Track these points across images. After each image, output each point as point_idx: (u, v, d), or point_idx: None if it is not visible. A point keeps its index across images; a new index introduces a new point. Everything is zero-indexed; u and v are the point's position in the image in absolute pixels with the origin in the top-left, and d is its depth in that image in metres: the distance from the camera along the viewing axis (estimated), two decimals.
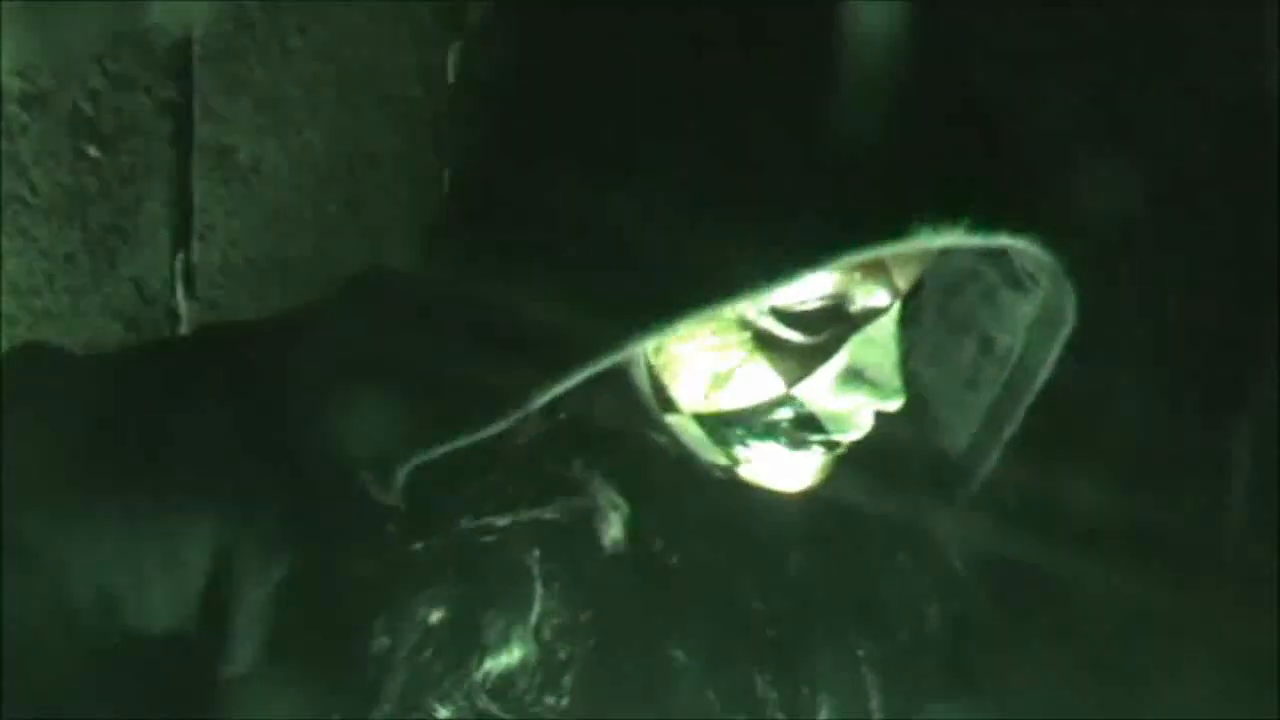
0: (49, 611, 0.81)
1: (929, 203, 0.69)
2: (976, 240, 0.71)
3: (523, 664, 0.77)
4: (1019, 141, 0.75)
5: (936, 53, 0.73)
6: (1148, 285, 1.18)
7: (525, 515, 0.80)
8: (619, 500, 0.81)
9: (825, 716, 0.83)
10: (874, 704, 0.84)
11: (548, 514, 0.80)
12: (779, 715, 0.81)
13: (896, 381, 0.78)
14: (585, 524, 0.80)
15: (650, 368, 0.79)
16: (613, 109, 0.73)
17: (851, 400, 0.78)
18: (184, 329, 1.98)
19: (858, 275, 0.75)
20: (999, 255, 0.81)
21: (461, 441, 0.75)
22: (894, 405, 0.79)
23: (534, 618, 0.77)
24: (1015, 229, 0.72)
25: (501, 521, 0.80)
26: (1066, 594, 1.00)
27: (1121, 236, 1.18)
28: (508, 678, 0.78)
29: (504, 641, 0.77)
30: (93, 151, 2.04)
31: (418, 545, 0.80)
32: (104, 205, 2.01)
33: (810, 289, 0.75)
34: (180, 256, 1.94)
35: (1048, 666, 0.94)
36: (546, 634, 0.77)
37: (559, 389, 0.72)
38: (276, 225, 1.88)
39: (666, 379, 0.79)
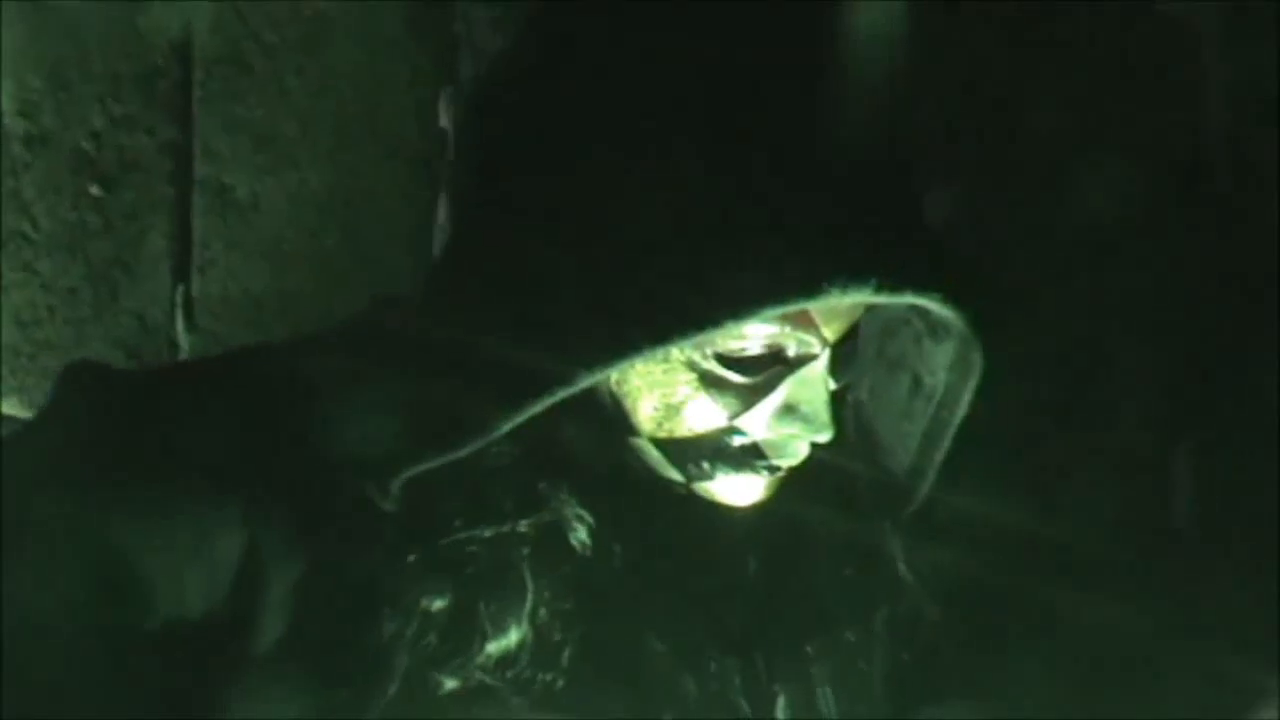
0: (93, 596, 0.89)
1: (839, 266, 0.81)
2: (883, 299, 0.81)
3: (520, 645, 0.87)
4: (922, 210, 0.84)
5: (851, 133, 0.82)
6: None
7: (505, 527, 0.89)
8: (583, 512, 0.91)
9: (781, 704, 0.91)
10: (821, 696, 0.93)
11: (522, 526, 0.89)
12: (742, 701, 0.90)
13: (826, 417, 0.91)
14: (556, 532, 0.89)
15: (614, 398, 0.88)
16: (572, 194, 0.84)
17: (787, 432, 0.91)
18: (184, 358, 2.05)
19: (788, 327, 0.88)
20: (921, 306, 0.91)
21: (440, 459, 0.85)
22: (824, 437, 0.90)
23: (528, 605, 0.87)
24: (919, 289, 0.82)
25: (487, 533, 0.88)
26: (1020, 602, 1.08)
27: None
28: (507, 657, 0.87)
29: (501, 626, 0.87)
30: (95, 189, 2.07)
31: (415, 551, 0.89)
32: (106, 240, 2.05)
33: (749, 338, 0.87)
34: (181, 289, 1.99)
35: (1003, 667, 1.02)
36: (541, 618, 0.87)
37: (521, 417, 0.82)
38: (275, 259, 1.93)
39: (628, 408, 0.90)
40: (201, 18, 1.96)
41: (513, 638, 0.89)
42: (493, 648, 0.89)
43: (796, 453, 0.93)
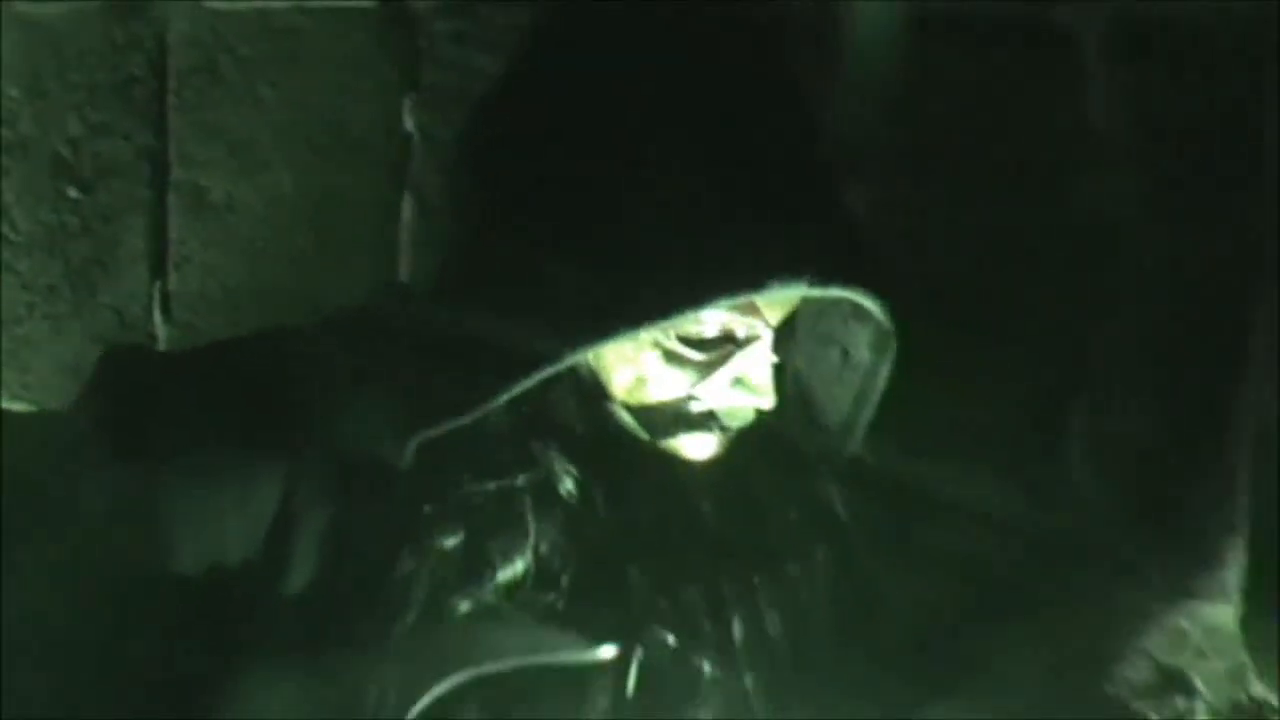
0: (149, 543, 1.04)
1: (778, 266, 0.99)
2: (815, 292, 0.99)
3: (526, 573, 1.04)
4: (850, 215, 1.02)
5: (786, 153, 1.00)
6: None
7: (506, 481, 1.05)
8: (570, 467, 1.08)
9: (736, 627, 1.09)
10: (769, 620, 1.10)
11: (519, 480, 1.05)
12: (706, 622, 1.07)
13: (769, 387, 1.09)
14: (548, 484, 1.05)
15: (593, 372, 1.05)
16: (557, 206, 1.03)
17: (737, 399, 1.08)
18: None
19: (737, 314, 1.06)
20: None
21: (449, 426, 1.01)
22: (768, 404, 1.09)
23: (531, 540, 1.03)
24: (845, 282, 1.02)
25: (491, 486, 1.05)
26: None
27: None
28: (514, 584, 1.04)
29: (509, 559, 1.05)
30: (73, 193, 2.17)
31: (428, 502, 1.05)
32: (84, 241, 2.15)
33: (705, 323, 1.05)
34: (158, 285, 2.09)
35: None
36: (542, 551, 1.04)
37: (518, 389, 1.00)
38: (249, 257, 2.04)
39: (605, 380, 1.08)
40: (177, 31, 2.07)
41: (519, 568, 1.06)
42: (501, 577, 1.06)
43: (745, 416, 1.10)
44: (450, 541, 1.05)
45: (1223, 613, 1.41)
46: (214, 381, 1.11)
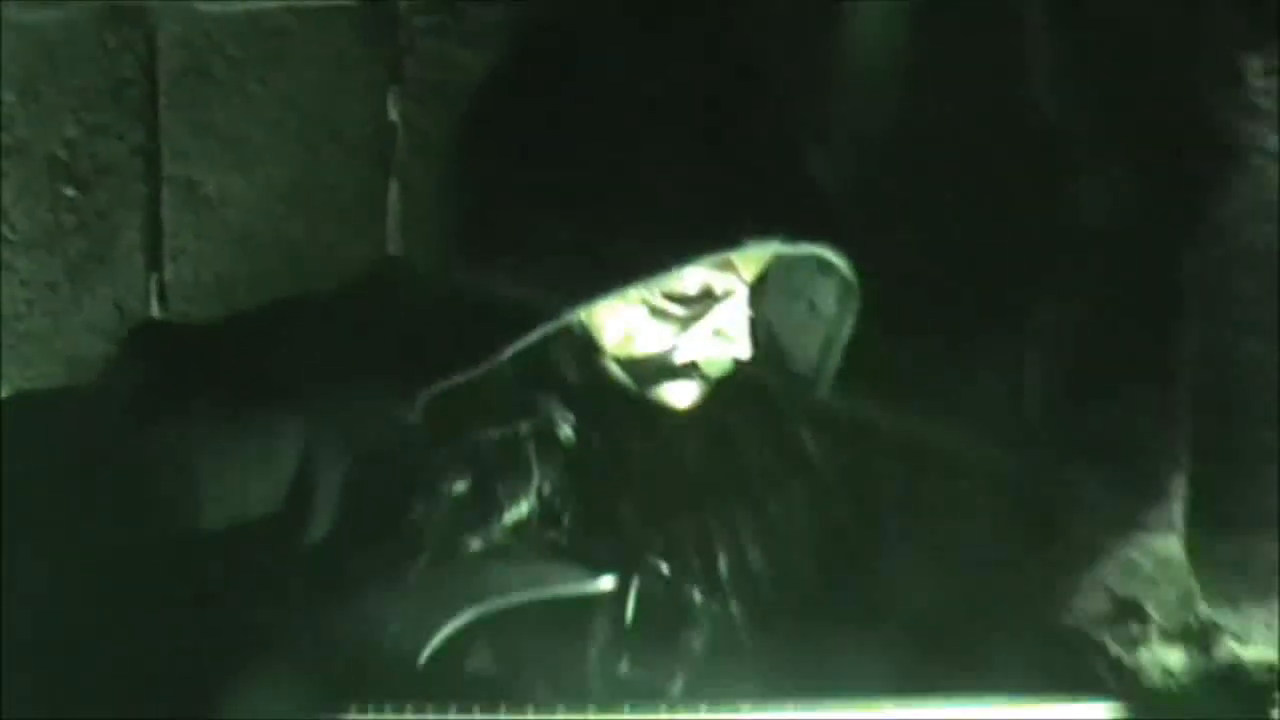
0: (183, 500, 1.14)
1: (752, 224, 1.10)
2: (787, 249, 1.10)
3: (531, 513, 1.14)
4: (814, 181, 1.12)
5: (759, 126, 1.11)
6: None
7: (509, 429, 1.15)
8: (567, 414, 1.18)
9: (721, 560, 1.19)
10: (751, 553, 1.21)
11: (522, 428, 1.15)
12: (694, 557, 1.18)
13: (745, 339, 1.19)
14: (548, 430, 1.16)
15: (586, 329, 1.14)
16: (557, 180, 1.14)
17: (716, 349, 1.18)
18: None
19: (716, 271, 1.15)
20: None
21: (457, 380, 1.11)
22: (744, 354, 1.18)
23: (534, 483, 1.14)
24: (813, 239, 1.12)
25: (495, 434, 1.15)
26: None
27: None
28: (520, 523, 1.14)
29: (515, 500, 1.14)
30: (70, 192, 2.24)
31: (439, 450, 1.15)
32: (82, 237, 2.22)
33: (687, 280, 1.15)
34: (155, 276, 2.17)
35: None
36: (545, 492, 1.14)
37: (521, 345, 1.08)
38: (242, 246, 2.12)
39: (597, 335, 1.15)
40: (168, 33, 2.15)
41: (524, 508, 1.17)
42: (509, 518, 1.17)
43: (723, 365, 1.20)
44: (460, 486, 1.16)
45: (1171, 544, 1.49)
46: (235, 349, 1.21)
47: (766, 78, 1.21)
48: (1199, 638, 1.48)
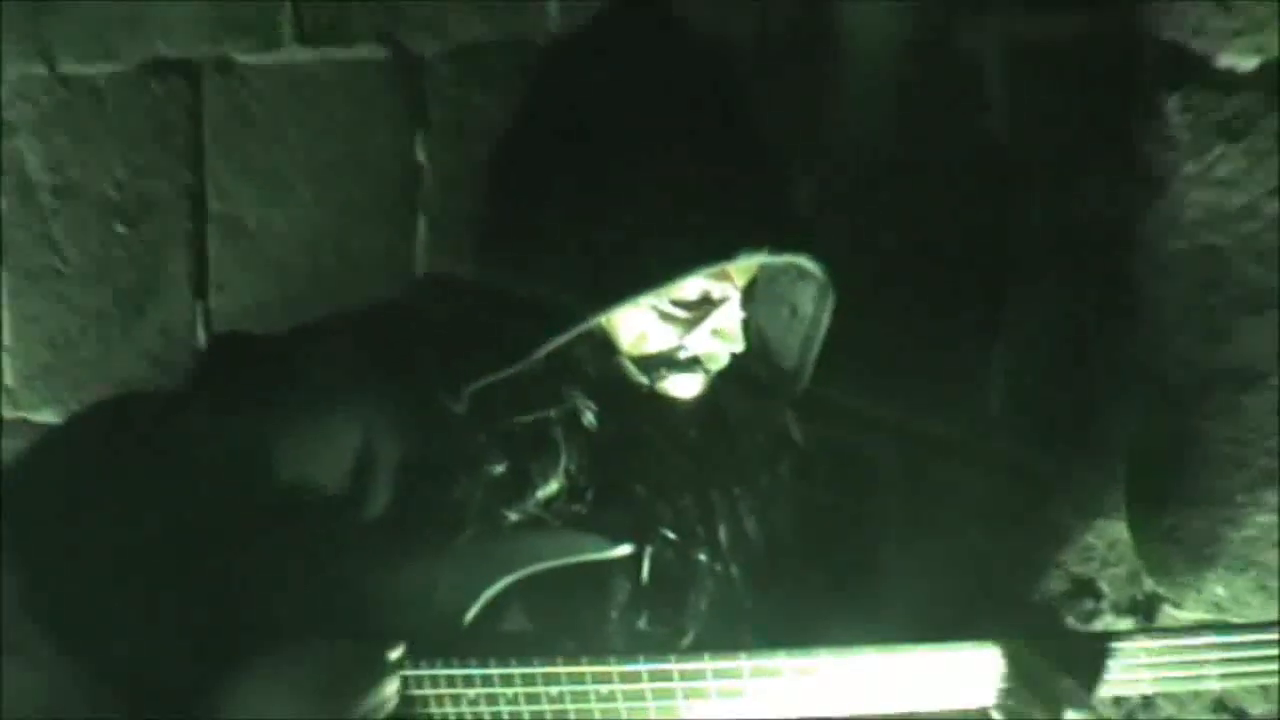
0: (260, 483, 1.33)
1: (744, 238, 1.28)
2: (773, 259, 1.31)
3: (560, 490, 1.33)
4: (795, 201, 1.32)
5: (747, 151, 1.34)
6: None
7: (541, 415, 1.34)
8: (590, 403, 1.35)
9: (722, 531, 1.38)
10: (748, 525, 1.39)
11: (552, 414, 1.34)
12: (699, 527, 1.37)
13: (739, 336, 1.36)
14: (574, 417, 1.34)
15: (605, 331, 1.34)
16: (576, 202, 1.30)
17: (715, 346, 1.35)
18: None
19: (714, 280, 1.33)
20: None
21: (497, 376, 1.29)
22: (739, 349, 1.36)
23: (563, 463, 1.32)
24: (795, 250, 1.31)
25: (528, 420, 1.34)
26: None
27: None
28: (551, 499, 1.33)
29: (546, 479, 1.32)
30: (120, 228, 2.45)
31: (479, 437, 1.34)
32: (131, 270, 2.43)
33: (690, 288, 1.33)
34: (200, 305, 2.36)
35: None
36: (572, 470, 1.32)
37: (552, 345, 1.28)
38: (280, 276, 2.28)
39: (613, 336, 1.35)
40: (211, 83, 2.32)
41: (554, 486, 1.34)
42: (540, 494, 1.33)
43: (721, 360, 1.37)
44: (499, 467, 1.33)
45: (1120, 527, 1.65)
46: (302, 354, 1.40)
47: (753, 119, 1.40)
48: (1144, 608, 1.65)
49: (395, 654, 1.31)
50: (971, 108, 1.65)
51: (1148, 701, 1.63)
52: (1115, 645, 1.23)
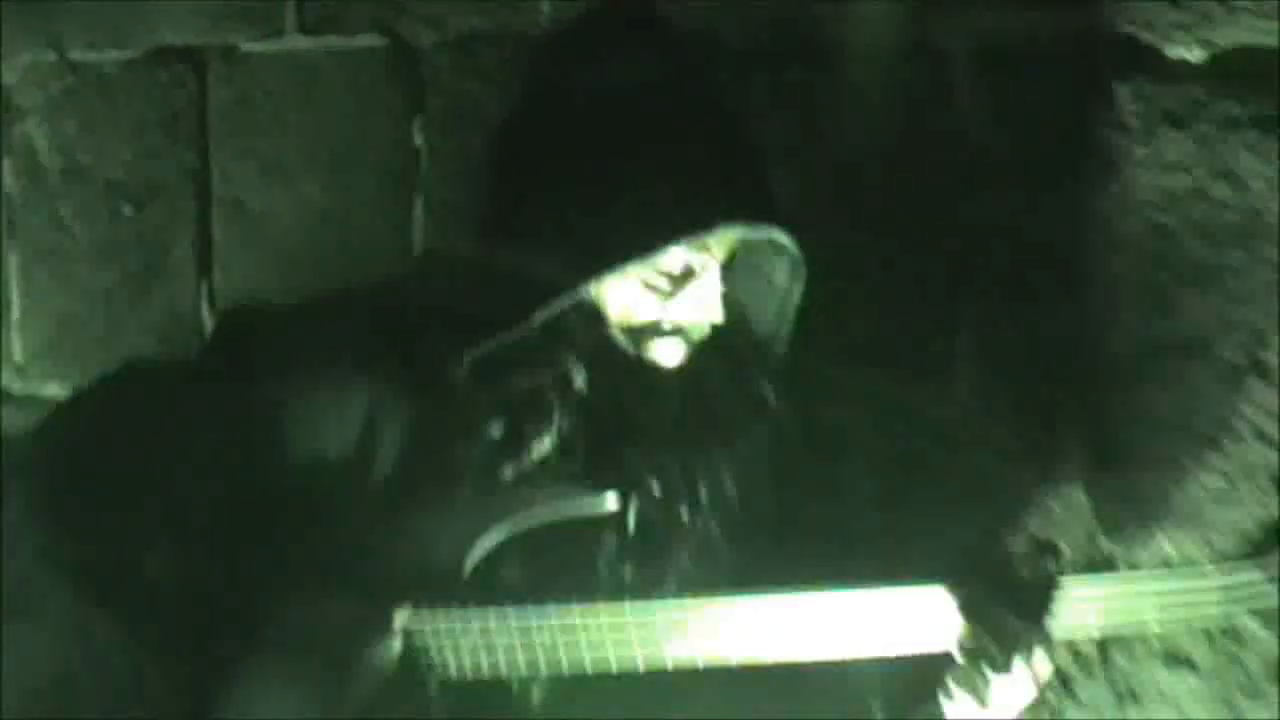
0: (273, 446, 1.42)
1: (723, 212, 1.38)
2: (751, 233, 1.41)
3: (554, 449, 1.42)
4: (769, 181, 1.42)
5: (723, 141, 1.44)
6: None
7: (536, 380, 1.43)
8: (580, 368, 1.44)
9: (702, 489, 1.48)
10: (727, 484, 1.49)
11: (546, 378, 1.43)
12: (681, 484, 1.47)
13: (718, 306, 1.44)
14: (567, 381, 1.43)
15: (593, 302, 1.43)
16: (572, 186, 1.40)
17: (695, 316, 1.44)
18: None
19: (695, 253, 1.41)
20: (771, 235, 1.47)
21: (498, 342, 1.39)
22: (718, 319, 1.45)
23: (556, 424, 1.42)
24: (770, 224, 1.41)
25: (525, 384, 1.43)
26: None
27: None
28: (545, 457, 1.42)
29: (540, 438, 1.42)
30: (127, 210, 2.51)
31: (479, 401, 1.43)
32: (137, 251, 2.50)
33: (673, 259, 1.41)
34: (205, 284, 2.43)
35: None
36: (564, 431, 1.42)
37: (547, 314, 1.37)
38: (281, 257, 2.35)
39: (602, 307, 1.44)
40: (216, 71, 2.40)
41: (548, 444, 1.43)
42: (535, 453, 1.42)
43: (702, 330, 1.45)
44: (496, 428, 1.43)
45: (1078, 492, 1.74)
46: (312, 325, 1.50)
47: (733, 105, 1.50)
48: (1101, 567, 1.73)
49: (401, 615, 1.40)
50: (940, 101, 1.75)
51: (1104, 655, 1.72)
52: (1064, 589, 1.33)
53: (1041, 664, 1.34)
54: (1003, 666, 1.33)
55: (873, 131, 1.79)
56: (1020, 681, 1.34)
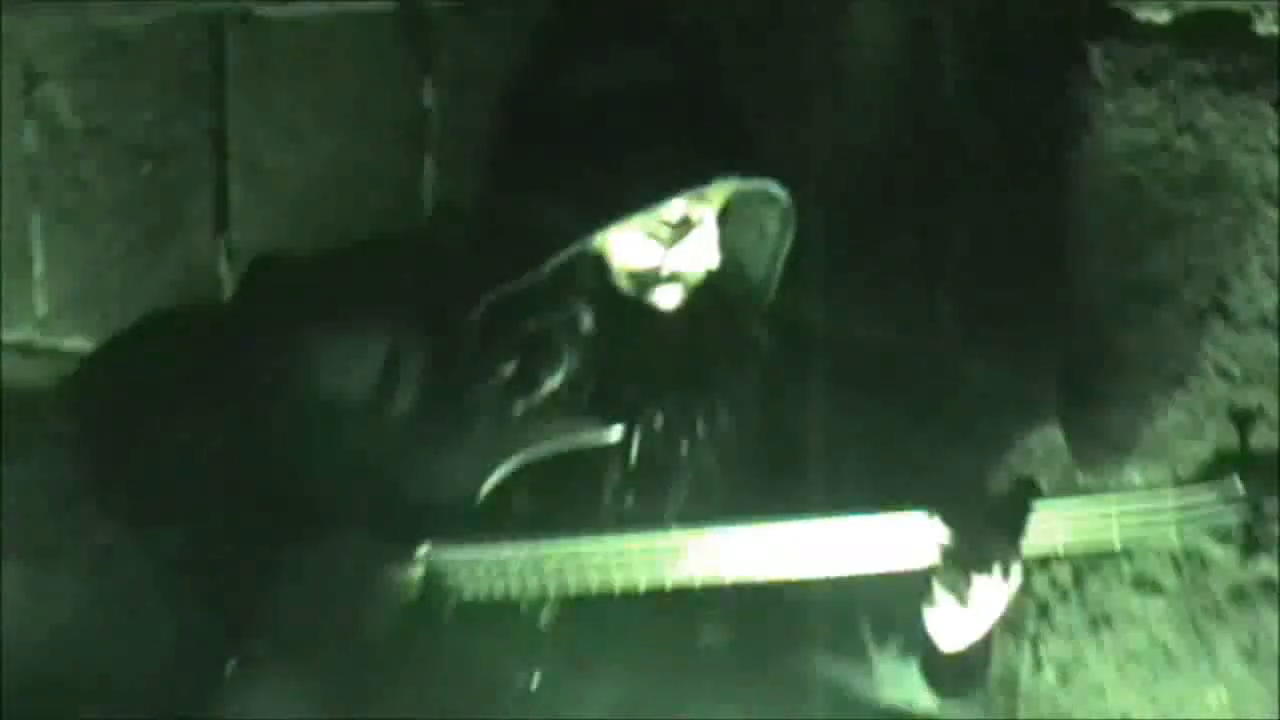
0: (301, 385, 1.53)
1: (719, 165, 1.48)
2: (744, 185, 1.51)
3: (563, 384, 1.52)
4: (759, 137, 1.52)
5: (715, 102, 1.54)
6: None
7: (545, 320, 1.53)
8: (588, 310, 1.54)
9: (699, 427, 1.57)
10: (721, 419, 1.58)
11: (554, 319, 1.53)
12: (680, 419, 1.56)
13: (715, 253, 1.55)
14: (573, 321, 1.53)
15: (599, 249, 1.53)
16: (584, 149, 1.49)
17: (693, 261, 1.54)
18: (226, 293, 2.46)
19: (694, 203, 1.51)
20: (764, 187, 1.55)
21: (511, 288, 1.49)
22: (714, 264, 1.55)
23: (564, 363, 1.52)
24: (762, 175, 1.51)
25: (533, 325, 1.53)
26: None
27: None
28: (554, 392, 1.52)
29: (551, 374, 1.52)
30: (146, 169, 2.60)
31: (492, 341, 1.53)
32: (157, 207, 2.59)
33: (674, 209, 1.50)
34: (222, 241, 2.52)
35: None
36: (572, 367, 1.52)
37: (559, 260, 1.47)
38: (296, 214, 2.43)
39: (607, 254, 1.54)
40: (232, 33, 2.48)
41: (558, 379, 1.52)
42: (545, 388, 1.52)
43: (699, 276, 1.56)
44: (509, 366, 1.53)
45: (1055, 431, 1.83)
46: (335, 273, 1.60)
47: (729, 68, 1.60)
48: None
49: (422, 549, 1.51)
50: (923, 62, 1.83)
51: (1078, 581, 1.83)
52: (1032, 508, 1.44)
53: (1014, 575, 1.44)
54: (983, 568, 1.42)
55: (856, 93, 1.87)
56: (996, 587, 1.43)
